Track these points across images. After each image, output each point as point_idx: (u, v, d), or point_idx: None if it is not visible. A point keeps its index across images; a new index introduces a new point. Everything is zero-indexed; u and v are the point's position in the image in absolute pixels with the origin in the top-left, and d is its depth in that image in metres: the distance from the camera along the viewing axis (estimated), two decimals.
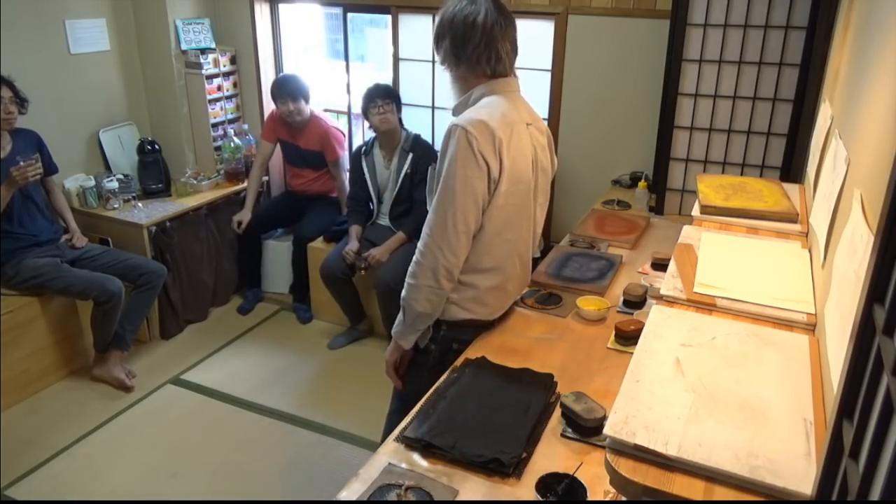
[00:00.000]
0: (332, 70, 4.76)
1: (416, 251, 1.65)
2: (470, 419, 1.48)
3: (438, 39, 1.70)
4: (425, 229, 1.64)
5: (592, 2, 3.22)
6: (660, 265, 2.22)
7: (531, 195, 1.76)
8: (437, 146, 2.45)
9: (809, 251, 1.53)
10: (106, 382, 3.11)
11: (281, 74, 3.94)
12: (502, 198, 1.66)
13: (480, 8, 1.65)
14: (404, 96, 3.42)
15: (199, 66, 3.83)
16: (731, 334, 1.20)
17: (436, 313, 1.71)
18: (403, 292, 1.68)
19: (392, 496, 1.29)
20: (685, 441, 0.92)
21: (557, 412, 1.51)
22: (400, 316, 1.72)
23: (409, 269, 1.66)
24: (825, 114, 1.85)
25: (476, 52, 1.66)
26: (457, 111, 1.73)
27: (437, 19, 1.71)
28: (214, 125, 3.99)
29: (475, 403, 1.53)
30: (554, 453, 1.42)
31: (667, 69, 2.80)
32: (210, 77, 3.90)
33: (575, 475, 1.30)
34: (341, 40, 4.02)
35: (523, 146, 1.69)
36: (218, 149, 4.00)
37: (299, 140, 3.71)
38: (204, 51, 3.86)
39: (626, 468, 0.92)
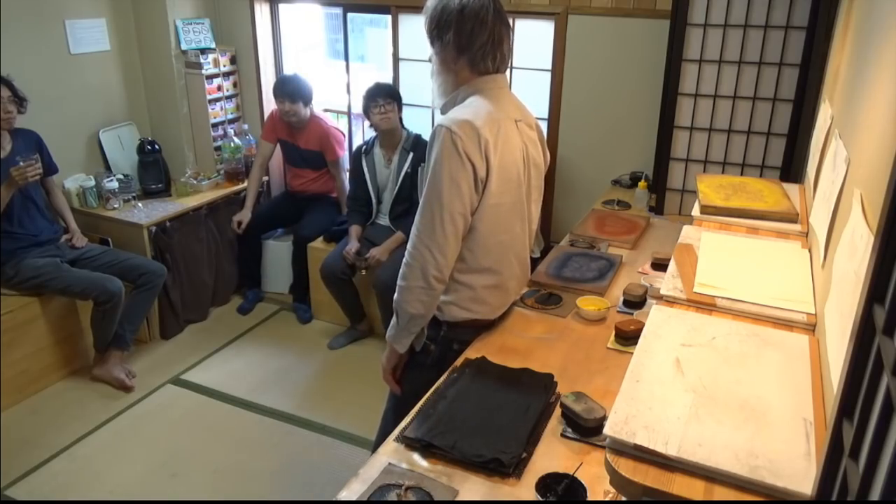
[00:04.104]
0: (332, 70, 4.76)
1: (406, 253, 1.64)
2: (470, 419, 1.48)
3: (441, 29, 1.65)
4: (413, 230, 1.63)
5: (592, 2, 3.22)
6: (660, 265, 2.22)
7: (523, 192, 1.75)
8: None
9: (809, 251, 1.53)
10: (106, 382, 3.10)
11: (285, 73, 3.94)
12: (494, 197, 1.65)
13: (489, 6, 1.64)
14: (404, 96, 3.42)
15: (199, 66, 3.83)
16: (731, 334, 1.20)
17: (429, 314, 1.70)
18: (395, 295, 1.67)
19: (392, 496, 1.29)
20: (685, 441, 0.92)
21: (557, 412, 1.51)
22: (393, 319, 1.71)
23: (400, 270, 1.65)
24: (825, 114, 1.85)
25: (482, 50, 1.65)
26: (445, 109, 1.71)
27: (436, 9, 1.66)
28: (214, 125, 3.99)
29: (475, 403, 1.53)
30: (554, 453, 1.42)
31: (667, 69, 2.80)
32: (210, 77, 3.90)
33: (575, 475, 1.30)
34: (341, 40, 4.02)
35: (512, 144, 1.68)
36: (218, 149, 4.00)
37: (299, 140, 3.71)
38: (204, 51, 3.86)
39: (626, 468, 0.92)
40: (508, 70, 1.92)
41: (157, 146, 3.72)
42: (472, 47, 1.64)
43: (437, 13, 1.65)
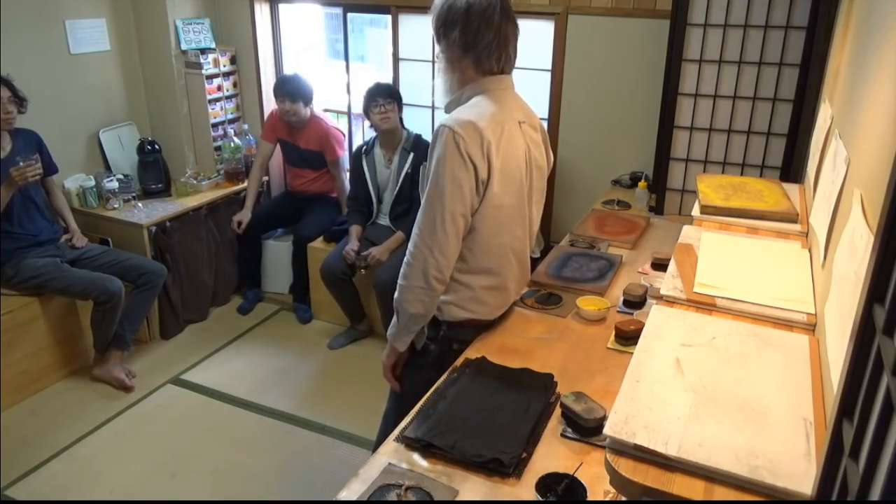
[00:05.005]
0: (332, 70, 4.76)
1: (407, 252, 1.65)
2: (470, 419, 1.48)
3: (447, 27, 1.65)
4: (415, 230, 1.63)
5: (592, 2, 3.22)
6: (660, 265, 2.22)
7: (525, 194, 1.75)
8: None
9: (809, 251, 1.53)
10: (106, 382, 3.10)
11: (285, 73, 3.94)
12: (496, 199, 1.65)
13: (496, 5, 1.63)
14: (404, 96, 3.42)
15: (199, 66, 3.83)
16: (731, 334, 1.20)
17: (429, 314, 1.70)
18: (396, 294, 1.68)
19: (392, 496, 1.29)
20: (685, 441, 0.92)
21: (557, 412, 1.51)
22: (394, 318, 1.72)
23: (401, 270, 1.66)
24: (825, 114, 1.85)
25: (488, 49, 1.64)
26: (449, 108, 1.71)
27: (443, 7, 1.65)
28: (214, 125, 3.99)
29: (475, 403, 1.53)
30: (554, 453, 1.42)
31: (667, 69, 2.80)
32: (210, 77, 3.90)
33: (575, 475, 1.30)
34: (341, 40, 4.02)
35: (515, 146, 1.68)
36: (218, 149, 4.00)
37: (299, 140, 3.71)
38: (204, 51, 3.86)
39: (626, 468, 0.92)
40: None
41: (157, 146, 3.72)
42: (477, 46, 1.63)
43: (444, 11, 1.65)
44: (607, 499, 1.30)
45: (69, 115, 3.56)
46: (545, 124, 3.47)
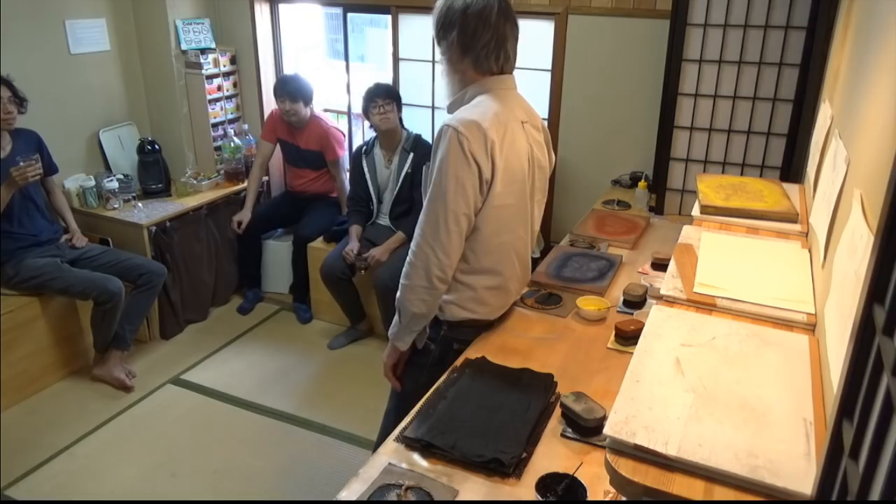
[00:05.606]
0: (332, 70, 4.76)
1: (409, 252, 1.65)
2: (470, 419, 1.48)
3: (445, 29, 1.66)
4: (417, 230, 1.63)
5: (592, 2, 3.22)
6: (660, 265, 2.22)
7: (527, 194, 1.76)
8: None
9: (809, 251, 1.53)
10: (106, 382, 3.11)
11: (286, 73, 3.94)
12: (498, 199, 1.65)
13: (493, 6, 1.63)
14: (404, 96, 3.42)
15: (199, 66, 3.83)
16: (731, 334, 1.20)
17: (431, 314, 1.70)
18: (398, 293, 1.68)
19: (392, 496, 1.29)
20: (685, 441, 0.92)
21: (557, 412, 1.51)
22: (395, 317, 1.72)
23: (403, 269, 1.66)
24: (825, 114, 1.85)
25: (486, 49, 1.64)
26: (451, 108, 1.71)
27: (442, 9, 1.66)
28: (214, 125, 3.99)
29: (475, 403, 1.53)
30: (554, 453, 1.42)
31: (667, 69, 2.80)
32: (210, 77, 3.90)
33: (575, 475, 1.30)
34: (341, 40, 4.02)
35: (518, 146, 1.68)
36: (218, 149, 4.00)
37: (299, 140, 3.71)
38: (204, 51, 3.86)
39: (626, 468, 0.92)
40: None
41: (157, 146, 3.72)
42: (475, 47, 1.64)
43: (443, 13, 1.66)
44: (607, 499, 1.30)
45: (69, 115, 3.56)
46: (545, 124, 3.48)
